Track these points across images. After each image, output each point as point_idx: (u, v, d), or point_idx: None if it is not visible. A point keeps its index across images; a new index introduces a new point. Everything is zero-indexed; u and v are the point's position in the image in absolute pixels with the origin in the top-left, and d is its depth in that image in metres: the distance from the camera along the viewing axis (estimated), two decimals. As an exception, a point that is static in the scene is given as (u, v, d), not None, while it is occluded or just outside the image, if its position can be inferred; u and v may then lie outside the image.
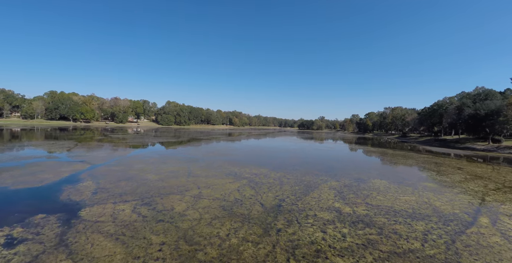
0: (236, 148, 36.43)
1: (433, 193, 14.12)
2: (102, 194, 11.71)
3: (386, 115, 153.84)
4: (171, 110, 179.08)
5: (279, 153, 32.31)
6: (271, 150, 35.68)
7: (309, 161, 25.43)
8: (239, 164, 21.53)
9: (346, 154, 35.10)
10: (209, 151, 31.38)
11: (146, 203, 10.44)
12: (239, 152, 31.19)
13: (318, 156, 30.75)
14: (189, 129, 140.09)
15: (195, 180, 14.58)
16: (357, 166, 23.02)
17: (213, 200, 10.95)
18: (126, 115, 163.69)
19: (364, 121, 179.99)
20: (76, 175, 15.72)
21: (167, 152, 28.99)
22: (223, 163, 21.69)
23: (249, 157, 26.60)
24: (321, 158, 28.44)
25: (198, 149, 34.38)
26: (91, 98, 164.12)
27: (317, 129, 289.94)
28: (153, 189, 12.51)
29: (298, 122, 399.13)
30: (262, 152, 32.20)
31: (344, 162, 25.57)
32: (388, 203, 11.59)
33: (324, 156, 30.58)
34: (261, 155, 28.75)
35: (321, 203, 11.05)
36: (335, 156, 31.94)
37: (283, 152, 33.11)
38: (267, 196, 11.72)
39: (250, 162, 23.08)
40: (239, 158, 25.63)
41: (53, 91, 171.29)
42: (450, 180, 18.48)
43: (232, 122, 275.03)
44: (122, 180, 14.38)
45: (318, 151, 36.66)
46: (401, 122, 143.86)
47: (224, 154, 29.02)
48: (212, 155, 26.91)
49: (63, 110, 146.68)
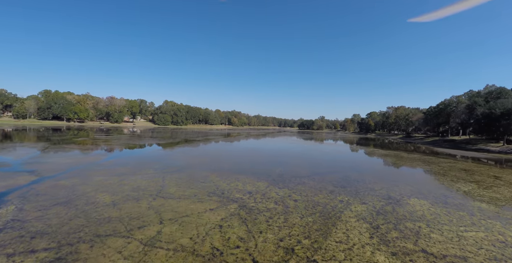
0: (230, 152, 32.18)
1: (500, 222, 9.88)
2: (5, 234, 7.39)
3: (389, 115, 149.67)
4: (168, 110, 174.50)
5: (280, 157, 27.94)
6: (270, 154, 31.28)
7: (318, 169, 21.10)
8: (230, 174, 17.17)
9: (358, 158, 30.83)
10: (197, 156, 27.00)
11: (58, 260, 6.10)
12: (232, 157, 26.86)
13: (326, 161, 26.42)
14: (186, 129, 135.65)
15: (161, 205, 10.19)
16: (378, 176, 18.70)
17: (175, 252, 6.57)
18: (121, 115, 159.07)
19: (366, 121, 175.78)
20: (4, 193, 11.41)
21: (146, 158, 24.57)
22: (210, 173, 17.31)
23: (244, 164, 22.21)
24: (331, 164, 24.16)
25: (186, 152, 30.00)
26: (85, 98, 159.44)
27: (318, 129, 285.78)
28: (90, 224, 8.16)
29: (298, 122, 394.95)
30: (260, 157, 27.77)
31: (360, 170, 21.21)
32: (454, 249, 7.28)
33: (334, 161, 26.27)
34: (259, 162, 24.34)
35: (354, 255, 6.72)
36: (346, 160, 27.66)
37: (285, 157, 28.74)
38: (265, 241, 7.31)
39: (245, 171, 18.69)
40: (232, 165, 21.24)
41: (47, 91, 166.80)
42: (500, 195, 14.26)
43: (231, 122, 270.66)
44: (58, 204, 10.04)
45: (325, 155, 32.34)
46: (405, 122, 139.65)
47: (214, 159, 24.62)
48: (199, 162, 22.49)
49: (56, 110, 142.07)
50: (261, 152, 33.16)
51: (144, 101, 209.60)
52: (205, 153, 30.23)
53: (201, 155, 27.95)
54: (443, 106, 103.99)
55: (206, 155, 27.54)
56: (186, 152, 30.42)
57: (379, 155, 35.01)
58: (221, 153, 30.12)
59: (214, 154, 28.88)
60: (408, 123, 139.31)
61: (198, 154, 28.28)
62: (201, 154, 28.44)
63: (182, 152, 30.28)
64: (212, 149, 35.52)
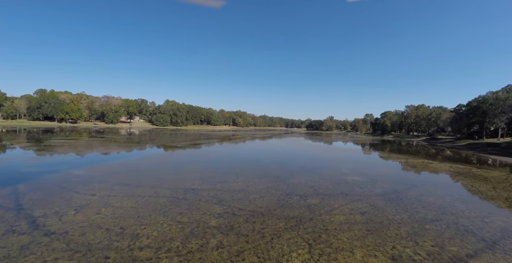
0: (226, 165, 20.04)
1: None
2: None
3: (407, 115, 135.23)
4: (167, 109, 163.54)
5: (301, 175, 15.66)
6: (284, 169, 19.33)
7: (371, 208, 8.80)
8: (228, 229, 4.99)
9: (414, 179, 18.22)
10: (179, 173, 15.03)
11: None
12: (226, 184, 14.64)
13: (367, 184, 14.12)
14: (186, 130, 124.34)
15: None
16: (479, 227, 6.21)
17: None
18: (117, 115, 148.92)
19: (381, 121, 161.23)
20: None
21: (102, 176, 12.81)
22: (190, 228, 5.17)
23: (247, 196, 10.17)
24: (380, 192, 11.89)
25: (166, 166, 18.20)
26: (79, 97, 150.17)
27: (327, 130, 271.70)
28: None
29: (305, 122, 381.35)
30: (271, 178, 15.64)
31: (435, 209, 8.90)
32: None
33: (382, 186, 13.91)
34: (271, 189, 12.23)
35: None
36: (400, 181, 15.18)
37: (307, 174, 16.48)
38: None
39: (250, 213, 6.59)
40: (229, 203, 9.22)
41: (42, 90, 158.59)
42: None
43: (235, 122, 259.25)
44: None
45: (360, 170, 19.89)
46: (426, 122, 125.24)
47: (202, 181, 12.77)
48: (174, 188, 10.96)
49: (46, 110, 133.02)
50: (270, 164, 20.93)
51: (145, 101, 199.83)
52: (190, 168, 18.20)
53: (184, 171, 15.94)
54: (476, 103, 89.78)
55: (188, 173, 15.49)
56: (168, 163, 18.42)
57: (442, 170, 22.25)
58: (212, 169, 18.05)
59: (200, 171, 16.83)
60: (430, 123, 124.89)
61: (181, 170, 16.31)
62: (184, 170, 16.45)
63: (162, 164, 18.28)
64: (201, 159, 23.48)
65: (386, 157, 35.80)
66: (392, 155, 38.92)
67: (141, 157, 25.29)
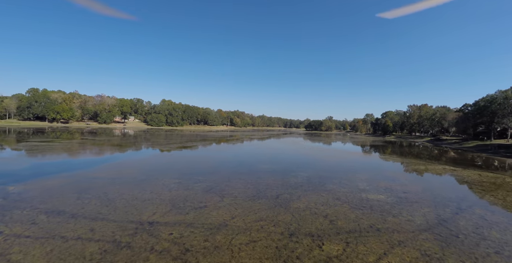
0: (211, 177, 15.68)
1: None
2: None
3: (410, 115, 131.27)
4: (163, 109, 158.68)
5: (308, 193, 11.36)
6: (285, 183, 14.91)
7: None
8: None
9: (453, 196, 13.85)
10: (144, 191, 10.74)
11: None
12: (202, 212, 10.31)
13: (399, 207, 9.88)
14: (181, 131, 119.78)
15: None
16: None
17: None
18: (110, 115, 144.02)
19: (382, 121, 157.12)
20: None
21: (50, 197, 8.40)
22: None
23: (229, 241, 5.85)
24: (422, 223, 7.57)
25: (132, 179, 13.84)
26: (72, 96, 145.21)
27: (326, 130, 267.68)
28: None
29: (304, 122, 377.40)
30: (268, 200, 11.27)
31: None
32: None
33: (419, 212, 9.69)
34: (267, 223, 7.96)
35: None
36: (437, 201, 10.93)
37: (315, 191, 12.16)
38: None
39: None
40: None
41: (34, 89, 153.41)
42: None
43: (233, 122, 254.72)
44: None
45: (379, 183, 15.60)
46: (430, 122, 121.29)
47: (169, 207, 8.42)
48: (122, 222, 6.65)
49: (37, 109, 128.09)
50: (268, 177, 16.64)
51: (141, 101, 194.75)
52: (166, 182, 13.92)
53: (156, 184, 11.67)
54: (483, 103, 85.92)
55: (163, 187, 11.22)
56: (141, 175, 14.08)
57: (474, 182, 18.10)
58: (195, 182, 13.79)
59: (180, 184, 12.59)
60: (433, 124, 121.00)
61: (153, 185, 12.04)
62: (156, 183, 12.19)
63: (131, 175, 13.97)
64: (186, 167, 19.18)
65: (400, 162, 31.58)
66: (405, 159, 34.71)
67: (108, 165, 20.87)
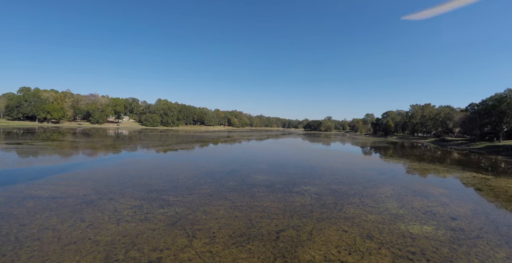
0: (183, 200, 11.34)
1: None
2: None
3: (413, 115, 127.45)
4: (158, 109, 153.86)
5: (321, 226, 7.17)
6: (287, 207, 10.43)
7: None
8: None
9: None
10: (72, 234, 6.43)
11: None
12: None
13: (460, 253, 5.80)
14: (176, 131, 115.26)
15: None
16: None
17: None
18: (103, 115, 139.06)
19: (383, 121, 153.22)
20: None
21: None
22: None
23: None
24: None
25: (82, 199, 9.42)
26: (63, 95, 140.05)
27: (326, 130, 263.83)
28: None
29: (303, 123, 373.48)
30: (263, 247, 7.10)
31: None
32: None
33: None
34: None
35: None
36: (506, 234, 6.88)
37: (331, 221, 7.97)
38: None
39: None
40: None
41: (26, 88, 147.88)
42: None
43: (231, 122, 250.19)
44: None
45: (414, 203, 11.41)
46: (433, 122, 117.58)
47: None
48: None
49: (26, 109, 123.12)
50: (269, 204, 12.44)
51: (136, 100, 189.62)
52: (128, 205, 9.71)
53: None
54: (491, 102, 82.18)
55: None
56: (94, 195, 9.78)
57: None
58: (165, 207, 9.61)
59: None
60: (437, 124, 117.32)
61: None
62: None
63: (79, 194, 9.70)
64: (163, 179, 14.92)
65: (417, 167, 27.42)
66: (422, 164, 30.56)
67: (62, 176, 16.47)
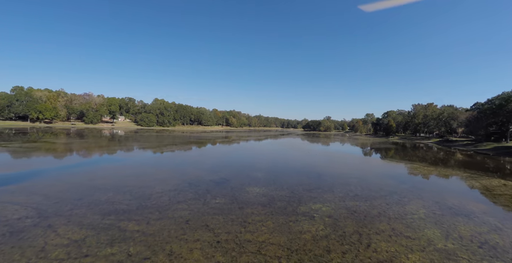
0: (156, 221, 8.31)
1: None
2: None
3: (415, 114, 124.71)
4: (153, 108, 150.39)
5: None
6: (303, 235, 7.29)
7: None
8: None
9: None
10: None
11: None
12: None
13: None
14: (172, 131, 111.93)
15: None
16: None
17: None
18: (97, 115, 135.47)
19: (384, 121, 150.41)
20: None
21: None
22: None
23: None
24: None
25: (9, 229, 6.20)
26: (57, 95, 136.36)
27: (325, 130, 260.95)
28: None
29: (302, 123, 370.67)
30: None
31: None
32: None
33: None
34: None
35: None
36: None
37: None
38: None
39: None
40: None
41: (19, 87, 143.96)
42: None
43: (229, 122, 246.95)
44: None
45: (461, 233, 8.47)
46: (436, 122, 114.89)
47: None
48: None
49: (17, 108, 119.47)
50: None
51: (132, 100, 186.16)
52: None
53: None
54: (498, 101, 79.43)
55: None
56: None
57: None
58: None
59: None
60: (440, 124, 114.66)
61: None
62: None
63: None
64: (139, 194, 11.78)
65: (439, 175, 24.31)
66: (440, 169, 27.47)
67: (3, 190, 13.29)
